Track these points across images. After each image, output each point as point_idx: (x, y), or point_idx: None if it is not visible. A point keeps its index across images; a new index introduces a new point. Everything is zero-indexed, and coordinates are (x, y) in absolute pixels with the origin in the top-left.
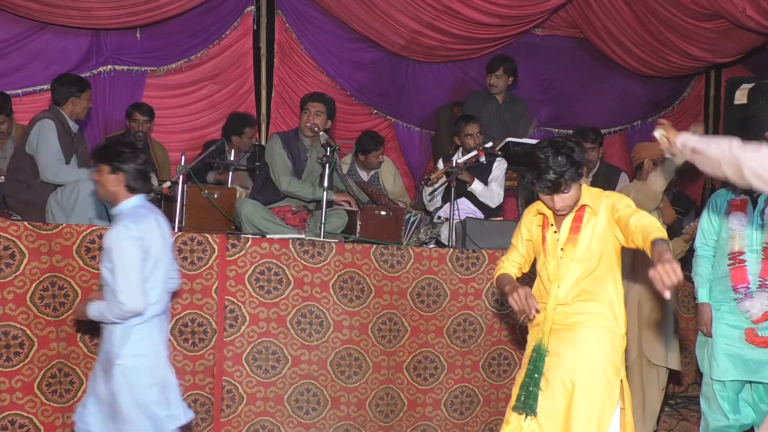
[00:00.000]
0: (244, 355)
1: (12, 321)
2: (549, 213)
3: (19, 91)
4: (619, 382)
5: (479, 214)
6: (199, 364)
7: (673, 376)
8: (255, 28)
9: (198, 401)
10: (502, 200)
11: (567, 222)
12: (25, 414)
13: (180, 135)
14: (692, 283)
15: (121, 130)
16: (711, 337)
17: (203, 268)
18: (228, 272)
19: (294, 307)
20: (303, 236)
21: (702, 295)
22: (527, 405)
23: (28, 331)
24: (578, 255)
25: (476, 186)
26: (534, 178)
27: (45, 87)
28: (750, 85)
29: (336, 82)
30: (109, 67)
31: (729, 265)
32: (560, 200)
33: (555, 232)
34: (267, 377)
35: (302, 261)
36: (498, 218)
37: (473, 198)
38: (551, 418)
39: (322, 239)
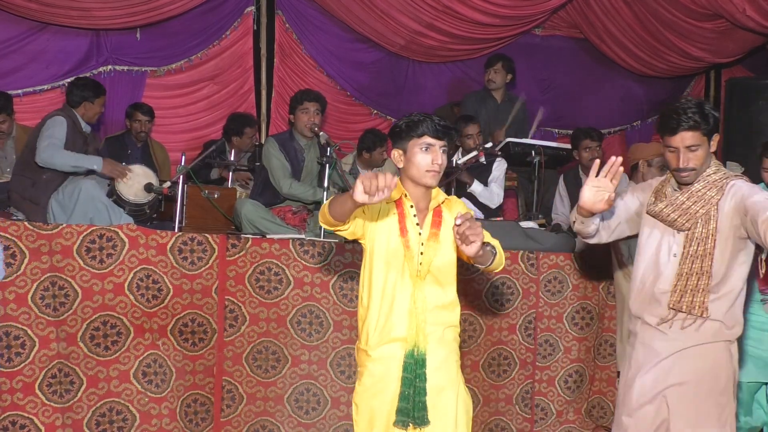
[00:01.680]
0: (244, 355)
1: (13, 321)
2: (408, 202)
3: (20, 91)
4: None
5: (479, 215)
6: (199, 364)
7: None
8: (255, 28)
9: (198, 401)
10: (501, 201)
11: (428, 217)
12: (26, 414)
13: (180, 135)
14: None
15: (121, 130)
16: None
17: (203, 268)
18: (228, 272)
19: (294, 307)
20: (303, 236)
21: None
22: (417, 417)
23: (29, 332)
24: (441, 251)
25: (476, 187)
26: (413, 126)
27: (45, 87)
28: None
29: (336, 82)
30: (109, 67)
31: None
32: (441, 156)
33: (417, 224)
34: (267, 377)
35: (302, 261)
36: (498, 218)
37: (473, 198)
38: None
39: (322, 239)
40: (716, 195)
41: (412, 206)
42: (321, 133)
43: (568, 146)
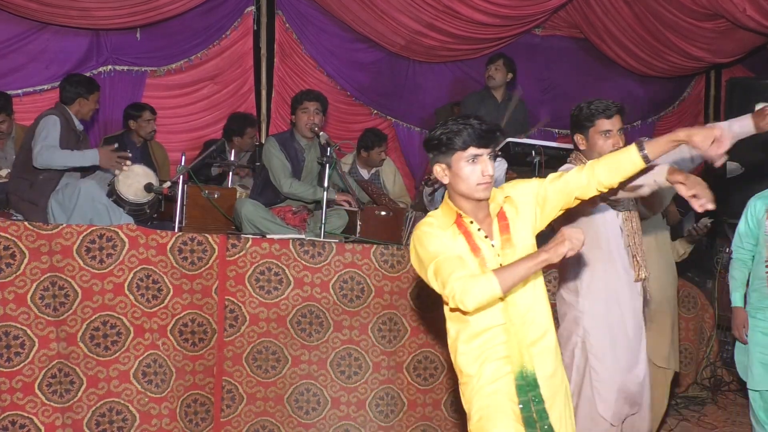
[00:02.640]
0: (244, 355)
1: (13, 321)
2: (467, 219)
3: (19, 91)
4: None
5: None
6: (199, 364)
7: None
8: (255, 28)
9: (198, 401)
10: None
11: (494, 224)
12: (26, 414)
13: (180, 135)
14: (690, 283)
15: (120, 130)
16: (746, 343)
17: (203, 268)
18: (228, 272)
19: (294, 307)
20: (303, 236)
21: (735, 299)
22: None
23: (28, 331)
24: (519, 254)
25: None
26: (455, 137)
27: (45, 87)
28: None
29: (336, 82)
30: (109, 67)
31: (767, 272)
32: (490, 166)
33: (486, 237)
34: (267, 377)
35: (302, 261)
36: None
37: None
38: None
39: (322, 239)
40: None
41: (472, 222)
42: (321, 133)
43: (568, 146)
